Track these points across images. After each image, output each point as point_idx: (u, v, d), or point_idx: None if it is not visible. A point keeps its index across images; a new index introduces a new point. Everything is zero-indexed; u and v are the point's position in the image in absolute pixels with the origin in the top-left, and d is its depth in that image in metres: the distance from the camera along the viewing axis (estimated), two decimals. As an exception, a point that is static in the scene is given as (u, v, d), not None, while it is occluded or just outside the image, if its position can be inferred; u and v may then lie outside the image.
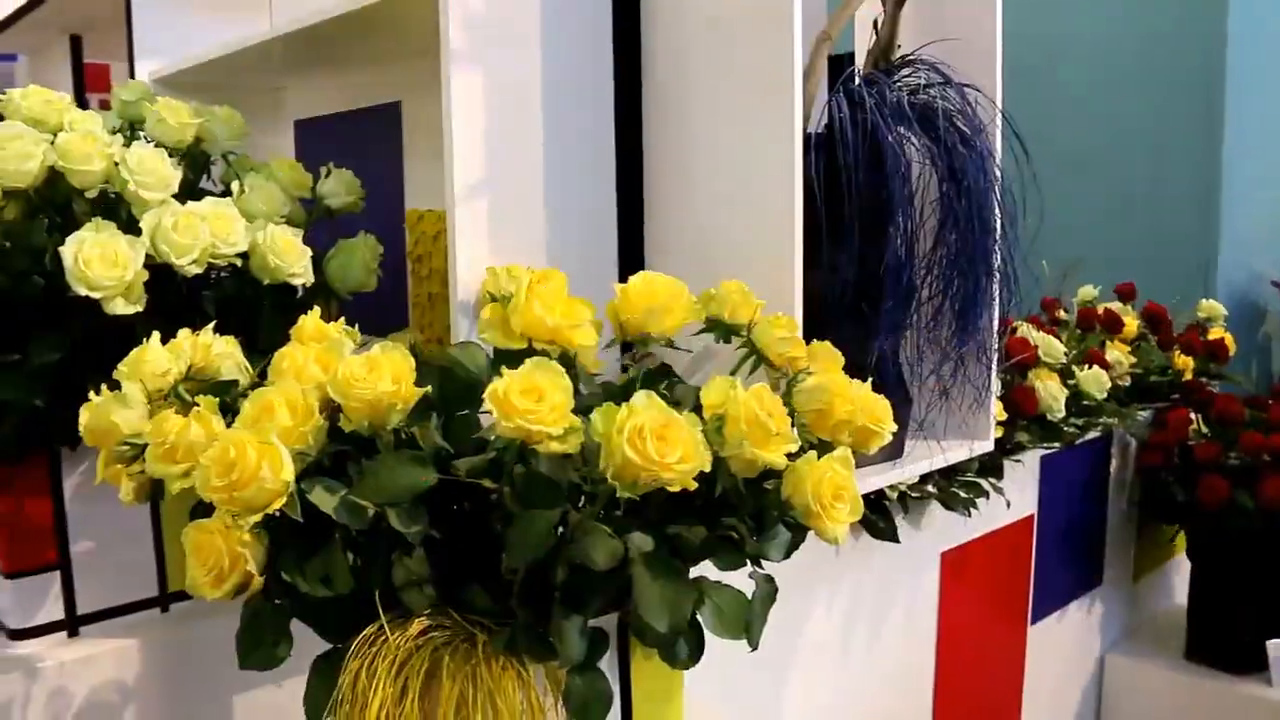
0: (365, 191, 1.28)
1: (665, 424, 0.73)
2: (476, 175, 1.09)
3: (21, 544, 1.18)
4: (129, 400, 0.83)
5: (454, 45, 1.08)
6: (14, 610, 1.20)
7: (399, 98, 1.49)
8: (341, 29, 1.30)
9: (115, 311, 0.99)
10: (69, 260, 0.96)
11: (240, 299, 1.10)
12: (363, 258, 1.16)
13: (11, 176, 0.99)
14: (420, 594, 0.82)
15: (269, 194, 1.12)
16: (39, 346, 1.01)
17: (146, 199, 1.02)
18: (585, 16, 1.19)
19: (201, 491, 0.74)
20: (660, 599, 0.80)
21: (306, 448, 0.77)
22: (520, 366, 0.79)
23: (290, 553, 0.78)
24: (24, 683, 1.16)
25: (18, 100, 1.08)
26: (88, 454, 1.20)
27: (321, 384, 0.80)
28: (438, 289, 1.41)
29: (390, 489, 0.78)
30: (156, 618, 1.28)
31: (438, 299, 1.41)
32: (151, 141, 1.14)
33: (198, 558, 0.77)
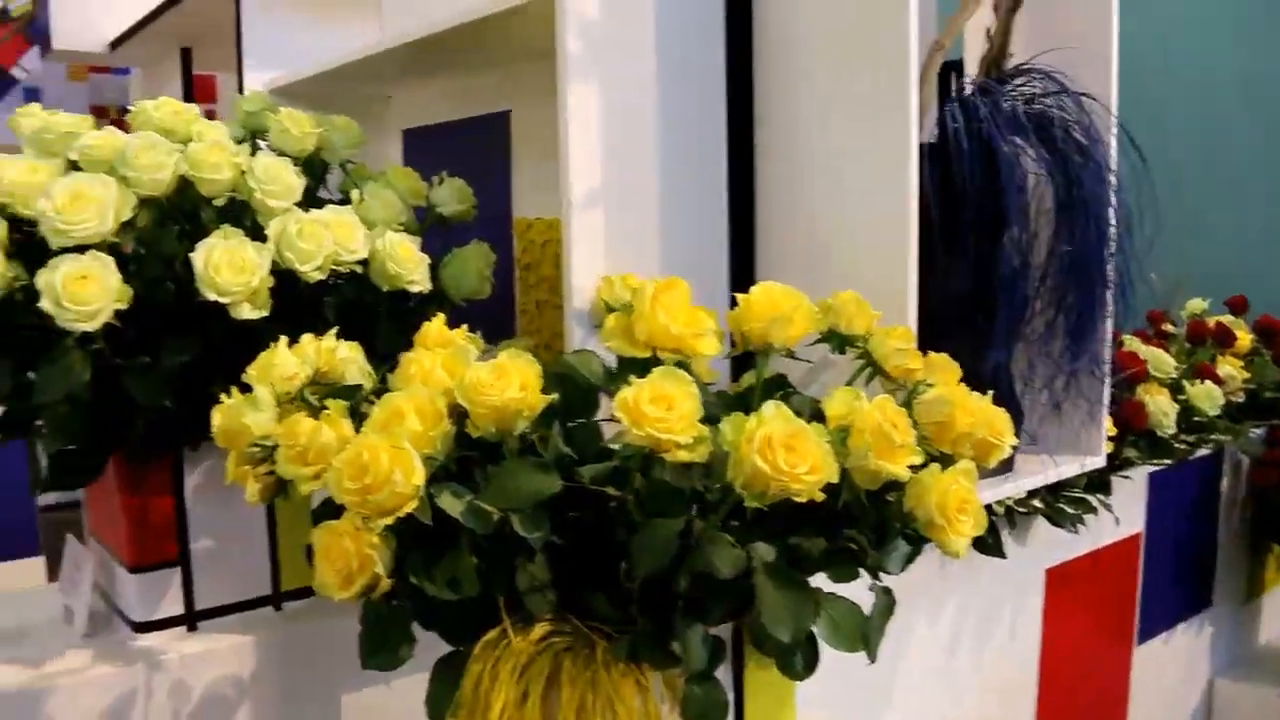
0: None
1: (794, 434, 0.73)
2: (592, 183, 1.10)
3: (146, 540, 1.22)
4: (260, 403, 0.85)
5: (570, 53, 1.09)
6: (137, 604, 1.24)
7: (508, 106, 1.50)
8: (456, 38, 1.32)
9: (241, 316, 1.01)
10: (199, 266, 0.99)
11: (359, 305, 1.12)
12: (477, 265, 1.18)
13: (146, 185, 1.02)
14: (542, 599, 0.83)
15: (387, 202, 1.14)
16: (170, 350, 1.04)
17: (272, 207, 1.05)
18: (698, 24, 1.19)
19: (334, 494, 0.76)
20: (783, 609, 0.80)
21: (435, 453, 0.78)
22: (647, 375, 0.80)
23: (417, 556, 0.79)
24: (147, 674, 1.20)
25: (150, 111, 1.12)
26: (209, 454, 1.23)
27: (449, 389, 0.81)
28: (545, 296, 1.42)
29: (516, 495, 0.78)
30: (270, 615, 1.31)
31: (545, 306, 1.43)
32: (274, 151, 1.16)
33: (327, 559, 0.79)
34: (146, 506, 1.21)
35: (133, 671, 1.19)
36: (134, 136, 1.05)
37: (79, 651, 1.22)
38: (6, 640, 1.26)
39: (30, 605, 1.38)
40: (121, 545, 1.24)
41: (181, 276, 1.05)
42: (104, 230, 0.97)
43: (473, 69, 1.57)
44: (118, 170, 1.03)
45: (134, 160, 1.02)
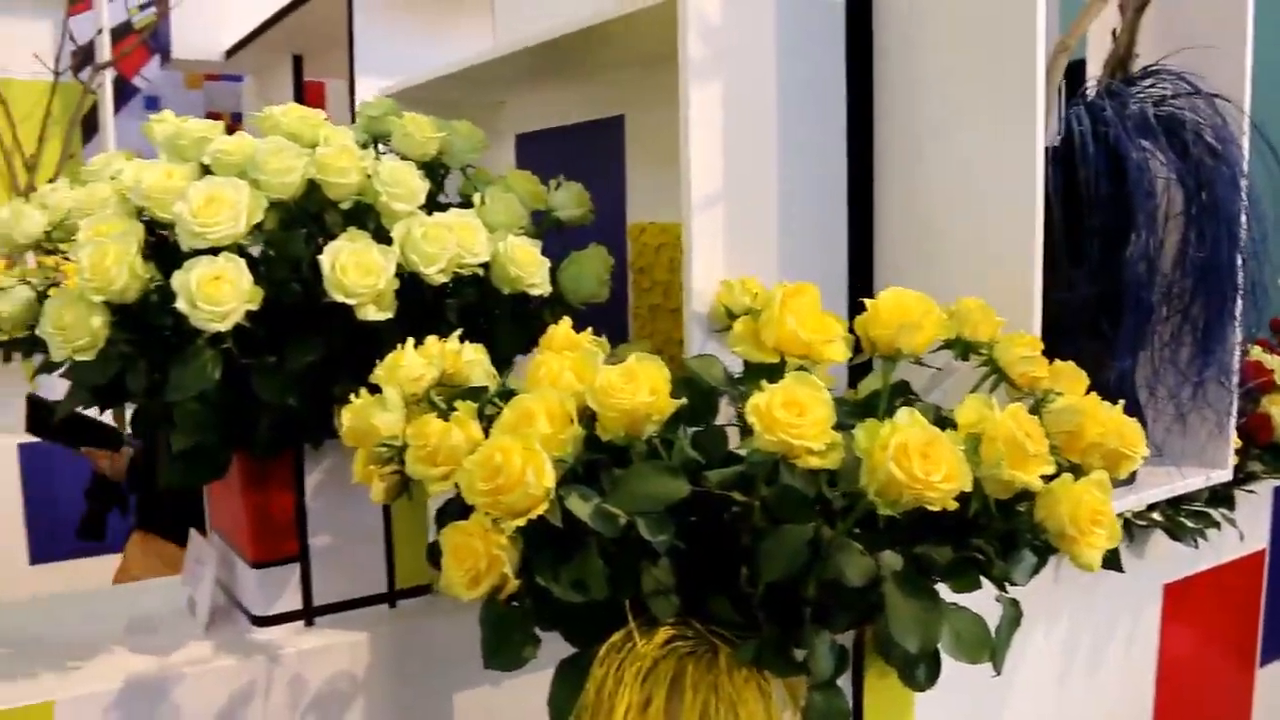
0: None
1: (929, 442, 0.72)
2: (712, 187, 1.10)
3: (267, 536, 1.24)
4: (389, 404, 0.86)
5: (692, 56, 1.09)
6: (258, 598, 1.26)
7: (623, 111, 1.50)
8: (573, 44, 1.33)
9: (367, 318, 1.03)
10: (327, 268, 1.01)
11: (480, 307, 1.13)
12: (595, 269, 1.18)
13: (276, 189, 1.04)
14: (667, 602, 0.83)
15: (508, 206, 1.15)
16: (295, 350, 1.06)
17: (397, 210, 1.06)
18: (818, 27, 1.18)
19: (465, 495, 0.77)
20: (912, 619, 0.78)
21: (564, 455, 0.78)
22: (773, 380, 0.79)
23: (545, 557, 0.80)
24: (267, 667, 1.22)
25: (279, 117, 1.14)
26: (329, 452, 1.25)
27: (578, 392, 0.81)
28: (659, 300, 1.42)
29: (644, 498, 0.78)
30: (384, 613, 1.33)
31: (659, 310, 1.43)
32: (395, 155, 1.18)
33: (456, 559, 0.79)
34: (268, 503, 1.23)
35: (253, 664, 1.22)
36: (264, 141, 1.07)
37: (201, 643, 1.25)
38: (138, 629, 1.29)
39: (155, 595, 1.42)
40: (243, 541, 1.26)
41: (308, 278, 1.07)
42: (236, 232, 0.99)
43: (587, 74, 1.58)
44: (249, 174, 1.05)
45: (264, 164, 1.05)
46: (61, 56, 2.89)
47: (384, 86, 1.79)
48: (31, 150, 2.84)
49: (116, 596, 1.51)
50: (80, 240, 1.04)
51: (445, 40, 2.62)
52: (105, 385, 1.12)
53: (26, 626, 1.33)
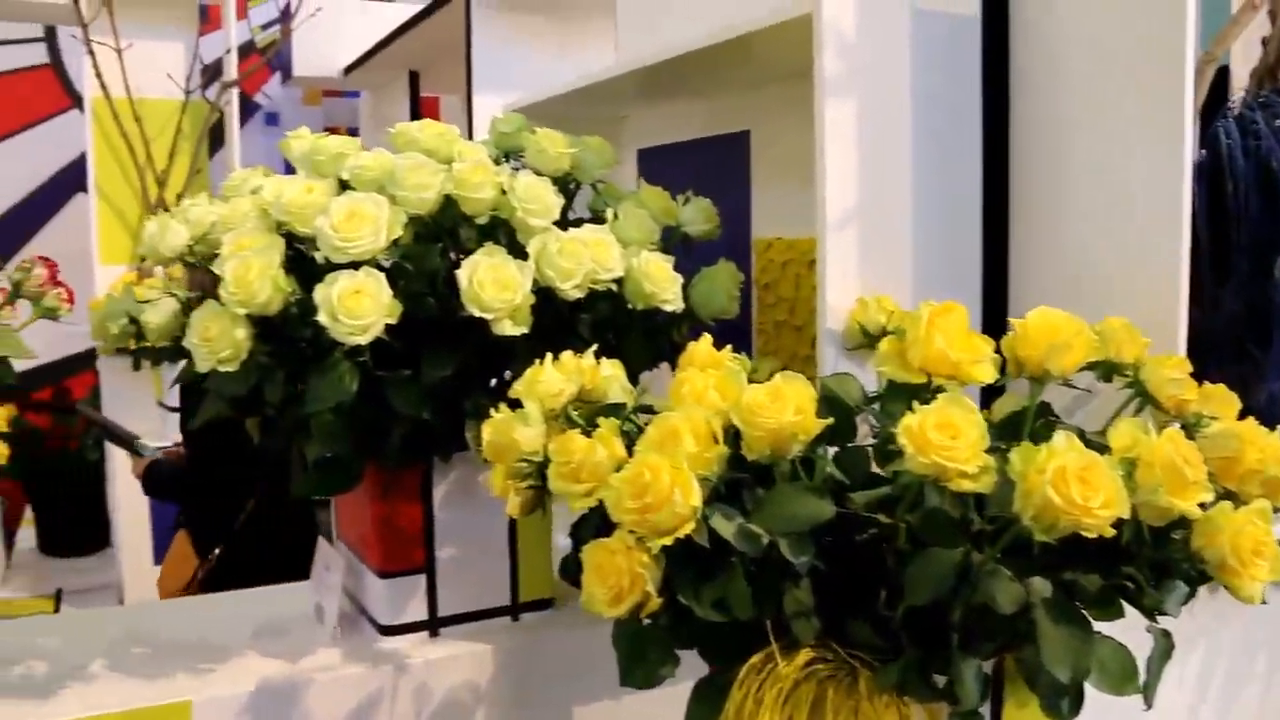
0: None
1: (1087, 467, 0.70)
2: (847, 205, 1.09)
3: (395, 546, 1.26)
4: (529, 419, 0.87)
5: (827, 72, 1.08)
6: (385, 608, 1.28)
7: (748, 126, 1.50)
8: (701, 60, 1.33)
9: (503, 332, 1.03)
10: (464, 282, 1.02)
11: (613, 322, 1.13)
12: (725, 285, 1.17)
13: (414, 204, 1.06)
14: (808, 624, 0.82)
15: (641, 221, 1.15)
16: (430, 363, 1.07)
17: (532, 225, 1.07)
18: (954, 41, 1.16)
19: (610, 512, 0.76)
20: (1063, 648, 0.76)
21: (709, 474, 0.77)
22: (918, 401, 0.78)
23: (686, 576, 0.79)
24: (393, 676, 1.23)
25: (415, 133, 1.16)
26: (456, 465, 1.26)
27: (722, 411, 0.80)
28: (784, 317, 1.41)
29: (790, 519, 0.78)
30: (507, 625, 1.33)
31: (784, 327, 1.42)
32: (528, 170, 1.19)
33: (598, 575, 0.79)
34: (397, 514, 1.25)
35: (380, 672, 1.23)
36: (402, 157, 1.09)
37: (329, 650, 1.27)
38: (267, 633, 1.32)
39: (281, 600, 1.44)
40: (371, 551, 1.28)
41: (443, 292, 1.08)
42: (377, 247, 1.01)
43: (712, 89, 1.58)
44: (387, 189, 1.07)
45: (403, 180, 1.06)
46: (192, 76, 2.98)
47: (508, 102, 1.81)
48: (163, 165, 2.93)
49: (244, 600, 1.54)
50: (223, 254, 1.07)
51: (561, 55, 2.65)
52: (243, 395, 1.14)
53: (161, 628, 1.36)
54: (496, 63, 2.60)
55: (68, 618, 1.46)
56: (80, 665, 1.24)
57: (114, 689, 1.18)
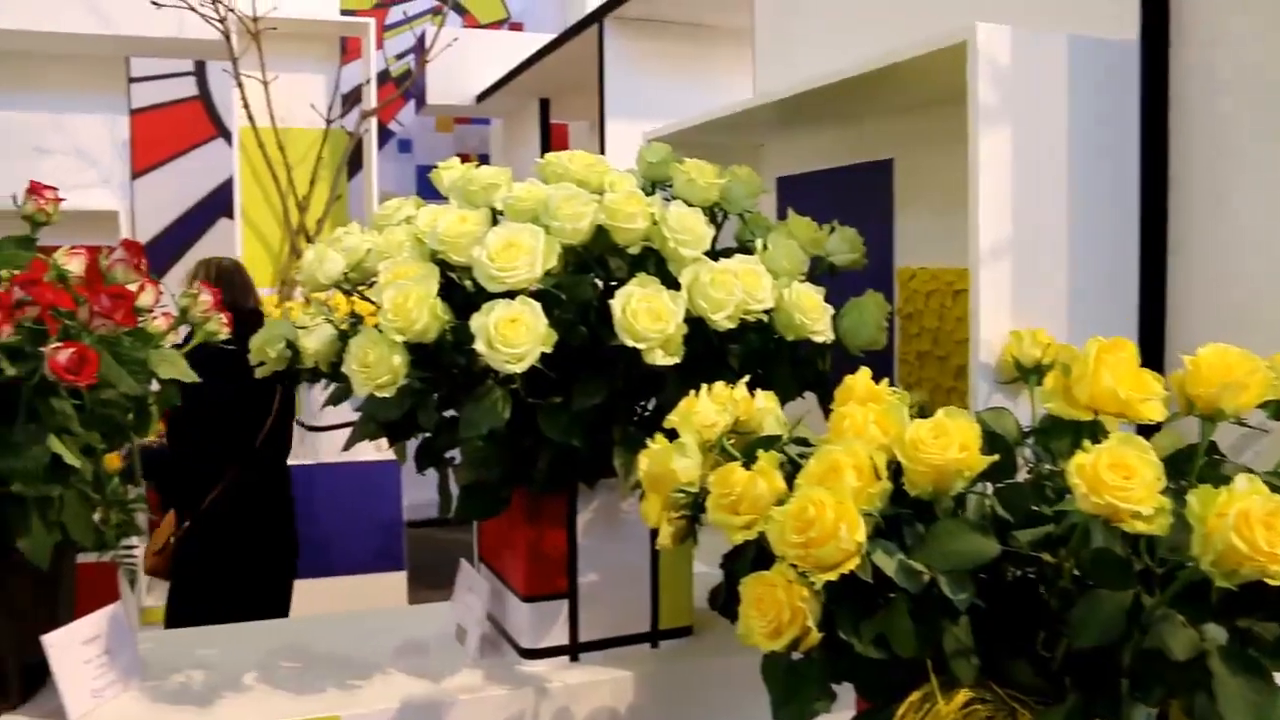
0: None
1: (1273, 511, 0.67)
2: (1000, 235, 1.07)
3: (539, 571, 1.27)
4: (687, 450, 0.87)
5: (981, 101, 1.06)
6: (528, 631, 1.29)
7: (891, 154, 1.49)
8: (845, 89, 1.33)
9: (654, 362, 1.04)
10: (618, 312, 1.03)
11: (762, 353, 1.13)
12: (874, 315, 1.17)
13: (567, 234, 1.07)
14: (968, 664, 0.80)
15: (791, 251, 1.15)
16: (581, 391, 1.08)
17: (684, 256, 1.08)
18: (1111, 69, 1.14)
19: (774, 546, 0.76)
20: (1242, 699, 0.73)
21: (872, 509, 0.77)
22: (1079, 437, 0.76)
23: (847, 611, 0.78)
24: (534, 699, 1.25)
25: (565, 163, 1.17)
26: (600, 492, 1.27)
27: (884, 445, 0.80)
28: (928, 347, 1.40)
29: (954, 556, 0.76)
30: (647, 653, 1.34)
31: (927, 358, 1.40)
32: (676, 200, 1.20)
33: (757, 608, 0.79)
34: (541, 539, 1.26)
35: (521, 695, 1.25)
36: (555, 188, 1.10)
37: (472, 671, 1.28)
38: (410, 652, 1.35)
39: (422, 619, 1.47)
40: (515, 575, 1.30)
41: (593, 321, 1.09)
42: (533, 277, 1.03)
43: (852, 118, 1.57)
44: (540, 220, 1.09)
45: (556, 210, 1.08)
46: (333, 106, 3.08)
47: (642, 129, 1.83)
48: (304, 191, 3.02)
49: (387, 618, 1.58)
50: (381, 282, 1.10)
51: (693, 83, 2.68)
52: (397, 419, 1.17)
53: (309, 643, 1.40)
54: (628, 90, 2.63)
55: (225, 631, 1.51)
56: (234, 677, 1.28)
57: (266, 702, 1.22)
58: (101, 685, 1.21)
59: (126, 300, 1.15)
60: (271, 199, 3.05)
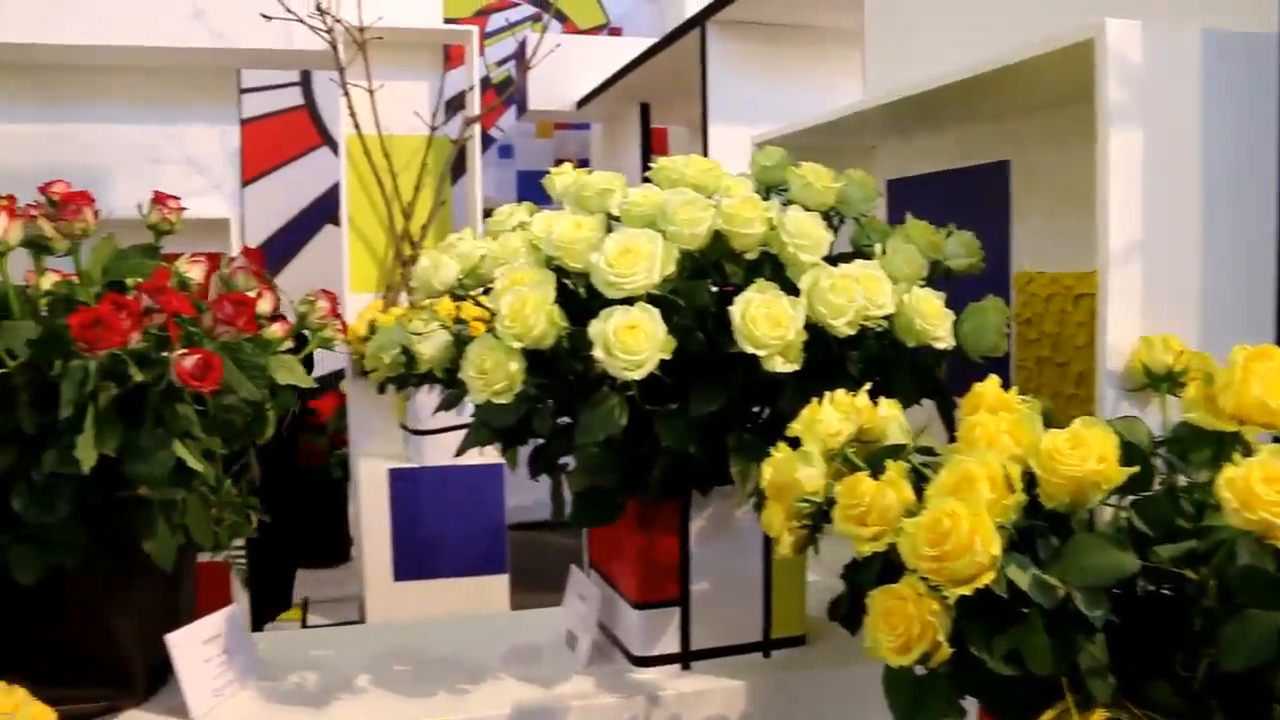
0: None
1: None
2: (1130, 238, 1.04)
3: (651, 578, 1.27)
4: (811, 458, 0.86)
5: (1110, 100, 1.03)
6: (639, 639, 1.29)
7: (1007, 156, 1.46)
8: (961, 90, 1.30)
9: (773, 369, 1.03)
10: (736, 319, 1.02)
11: (882, 360, 1.11)
12: (995, 321, 1.14)
13: (685, 240, 1.07)
14: (1104, 683, 0.77)
15: (910, 256, 1.13)
16: (698, 398, 1.07)
17: (803, 261, 1.06)
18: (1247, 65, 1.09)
19: (906, 559, 0.75)
20: (1404, 727, 0.70)
21: (1007, 522, 0.75)
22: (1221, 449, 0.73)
23: (978, 626, 0.76)
24: (645, 707, 1.24)
25: (681, 168, 1.17)
26: (713, 498, 1.26)
27: (1018, 456, 0.77)
28: (1046, 353, 1.36)
29: (1091, 571, 0.74)
30: (758, 662, 1.32)
31: (1046, 364, 1.36)
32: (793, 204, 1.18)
33: (886, 622, 0.77)
34: (654, 546, 1.26)
35: (632, 703, 1.24)
36: (672, 193, 1.10)
37: (583, 678, 1.28)
38: (520, 658, 1.35)
39: (532, 624, 1.48)
40: (627, 581, 1.29)
41: (710, 327, 1.09)
42: (651, 282, 1.02)
43: (966, 119, 1.54)
44: (658, 225, 1.08)
45: (673, 215, 1.07)
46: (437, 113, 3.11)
47: (749, 133, 1.81)
48: (408, 198, 3.06)
49: (497, 622, 1.59)
50: (497, 289, 1.10)
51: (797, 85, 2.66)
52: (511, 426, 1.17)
53: (420, 646, 1.41)
54: (731, 93, 2.62)
55: (336, 632, 1.53)
56: (347, 678, 1.30)
57: (378, 704, 1.24)
58: (221, 684, 1.24)
59: (248, 307, 1.17)
60: (377, 206, 3.09)
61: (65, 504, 1.11)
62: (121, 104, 3.17)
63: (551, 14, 3.82)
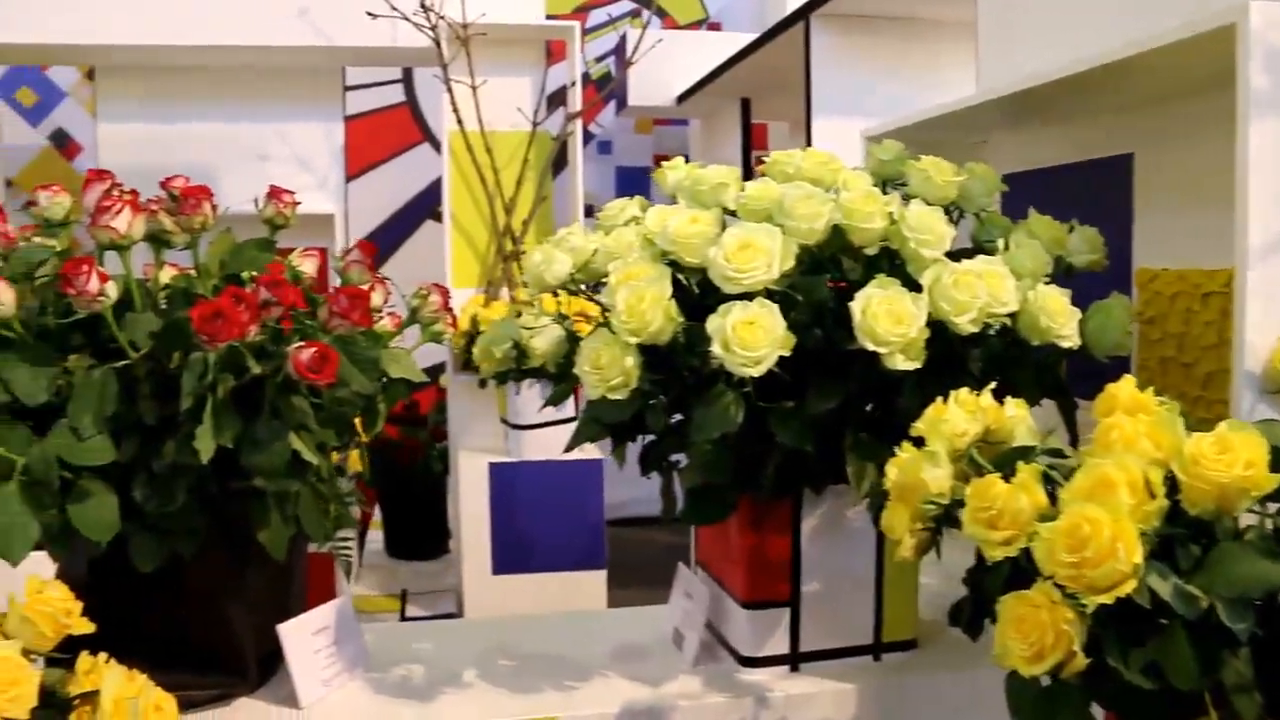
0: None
1: None
2: (1271, 235, 0.99)
3: (761, 578, 1.25)
4: (937, 459, 0.83)
5: (1254, 88, 0.99)
6: (747, 639, 1.27)
7: (1131, 149, 1.41)
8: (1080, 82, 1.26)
9: (894, 366, 1.00)
10: (857, 315, 1.00)
11: (1003, 358, 1.08)
12: (1120, 319, 1.10)
13: (803, 235, 1.05)
14: (1250, 700, 0.74)
15: (1035, 252, 1.10)
16: (818, 395, 1.06)
17: (925, 257, 1.04)
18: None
19: (1042, 565, 0.72)
20: None
21: (1148, 529, 0.72)
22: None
23: (1115, 636, 0.74)
24: (754, 708, 1.22)
25: (798, 162, 1.15)
26: (826, 498, 1.24)
27: (1158, 460, 0.74)
28: (1171, 353, 1.31)
29: (1239, 582, 0.71)
30: (868, 665, 1.30)
31: (1170, 364, 1.32)
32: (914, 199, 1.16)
33: (1018, 630, 0.75)
34: (765, 546, 1.24)
35: (741, 704, 1.23)
36: (790, 187, 1.08)
37: (689, 677, 1.27)
38: (626, 656, 1.34)
39: (638, 622, 1.47)
40: (737, 580, 1.28)
41: (827, 324, 1.07)
42: (770, 278, 1.00)
43: (1084, 112, 1.49)
44: (775, 219, 1.06)
45: (792, 210, 1.05)
46: (539, 109, 3.12)
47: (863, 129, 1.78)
48: (510, 194, 3.08)
49: (601, 619, 1.58)
50: (612, 284, 1.09)
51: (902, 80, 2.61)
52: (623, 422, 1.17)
53: (524, 641, 1.41)
54: (836, 88, 2.58)
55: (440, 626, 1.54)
56: (454, 672, 1.30)
57: (485, 699, 1.24)
58: (330, 675, 1.25)
59: (363, 300, 1.17)
60: (479, 201, 3.12)
61: (184, 494, 1.13)
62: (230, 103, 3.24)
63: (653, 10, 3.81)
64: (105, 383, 1.11)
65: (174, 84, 3.24)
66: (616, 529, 3.13)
